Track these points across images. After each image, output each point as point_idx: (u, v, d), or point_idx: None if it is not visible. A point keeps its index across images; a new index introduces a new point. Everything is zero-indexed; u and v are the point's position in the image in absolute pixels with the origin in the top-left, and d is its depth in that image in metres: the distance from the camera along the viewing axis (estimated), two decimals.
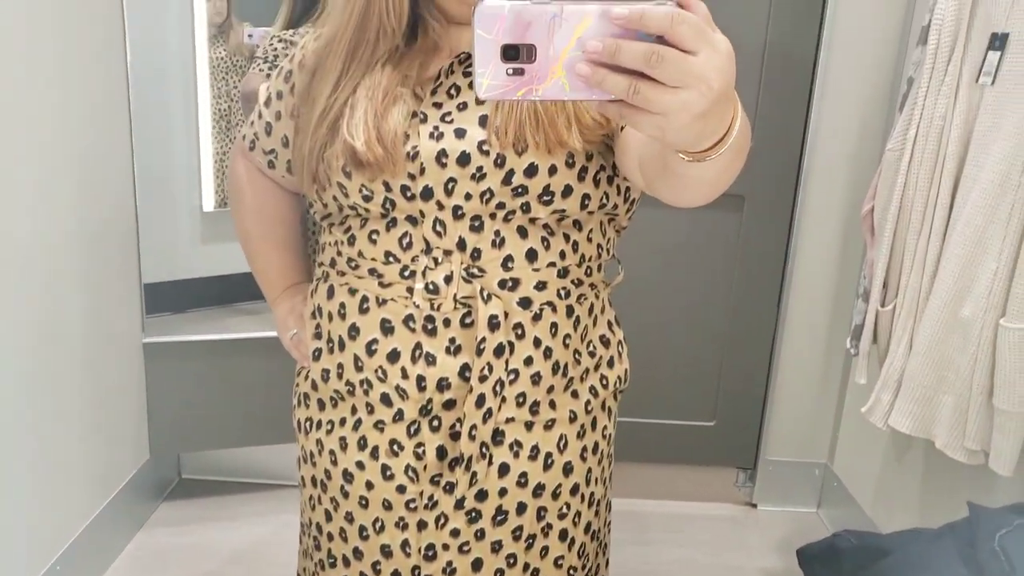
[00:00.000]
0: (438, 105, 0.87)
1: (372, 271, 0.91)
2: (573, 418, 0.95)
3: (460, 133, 0.85)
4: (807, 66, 2.05)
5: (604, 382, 0.99)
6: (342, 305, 0.93)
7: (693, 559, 2.11)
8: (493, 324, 0.87)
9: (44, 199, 1.63)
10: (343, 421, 0.95)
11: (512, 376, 0.90)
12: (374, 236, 0.90)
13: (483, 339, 0.87)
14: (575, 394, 0.95)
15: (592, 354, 0.97)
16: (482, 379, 0.88)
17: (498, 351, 0.88)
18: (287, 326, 1.08)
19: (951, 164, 1.48)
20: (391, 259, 0.89)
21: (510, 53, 0.52)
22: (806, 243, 2.16)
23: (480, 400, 0.88)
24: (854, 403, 2.18)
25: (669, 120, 0.53)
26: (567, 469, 0.96)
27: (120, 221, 1.94)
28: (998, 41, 1.39)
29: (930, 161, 1.52)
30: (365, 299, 0.91)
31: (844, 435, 2.25)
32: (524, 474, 0.93)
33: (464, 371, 0.88)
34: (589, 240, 0.92)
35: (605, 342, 0.99)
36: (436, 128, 0.86)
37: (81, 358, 1.80)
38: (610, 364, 0.99)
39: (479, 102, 0.86)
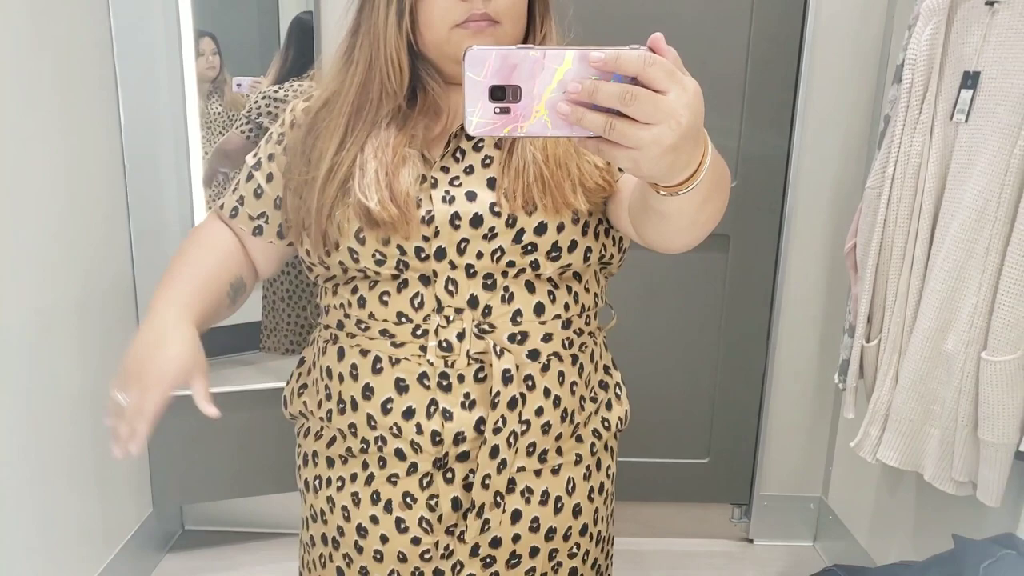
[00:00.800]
0: (445, 169, 0.91)
1: (384, 332, 0.92)
2: (579, 461, 0.99)
3: (471, 196, 0.89)
4: (787, 104, 2.11)
5: (606, 424, 1.03)
6: (354, 366, 0.94)
7: None
8: (506, 378, 0.90)
9: (42, 266, 1.66)
10: (354, 477, 0.97)
11: (524, 427, 0.93)
12: (385, 298, 0.91)
13: (497, 393, 0.90)
14: (579, 438, 0.99)
15: (594, 399, 1.01)
16: (496, 431, 0.90)
17: (511, 404, 0.91)
18: (156, 332, 0.92)
19: (929, 200, 1.52)
20: (403, 319, 0.91)
21: (497, 93, 0.57)
22: (792, 280, 2.20)
23: (494, 451, 0.91)
24: (846, 436, 2.21)
25: (643, 153, 0.58)
26: (576, 511, 0.99)
27: (117, 281, 1.97)
28: (970, 80, 1.44)
29: (909, 198, 1.56)
30: (378, 359, 0.92)
31: (837, 468, 2.27)
32: (536, 519, 0.96)
33: (479, 424, 0.91)
34: (587, 290, 0.97)
35: (604, 386, 1.03)
36: (447, 192, 0.89)
37: (80, 418, 1.81)
38: (608, 406, 1.04)
39: (484, 164, 0.90)
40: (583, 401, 0.98)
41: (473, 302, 0.90)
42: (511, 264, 0.89)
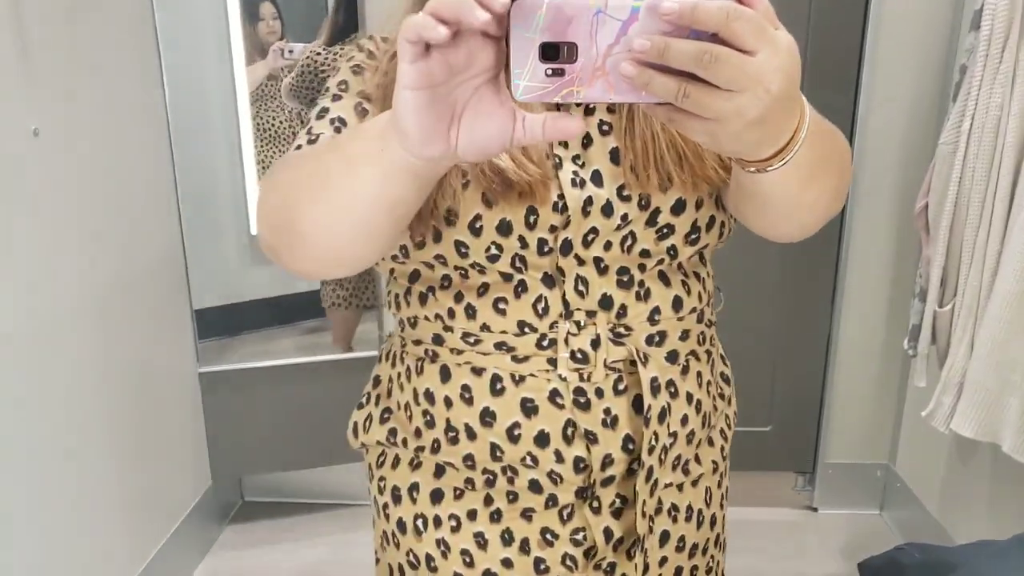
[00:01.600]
0: (564, 144, 0.75)
1: (502, 345, 0.78)
2: (715, 469, 0.89)
3: (597, 178, 0.74)
4: (852, 55, 2.00)
5: (728, 422, 0.91)
6: (465, 388, 0.80)
7: (755, 566, 2.08)
8: (655, 387, 0.78)
9: (91, 237, 1.66)
10: (473, 514, 0.83)
11: (671, 439, 0.81)
12: (501, 305, 0.77)
13: (649, 407, 0.77)
14: (711, 442, 0.88)
15: (721, 395, 0.90)
16: (650, 450, 0.78)
17: (661, 416, 0.79)
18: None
19: (1010, 156, 1.43)
20: (526, 329, 0.77)
21: (549, 52, 0.48)
22: (859, 242, 2.11)
23: (649, 473, 0.79)
24: (915, 402, 2.13)
25: (722, 126, 0.49)
26: (712, 522, 0.90)
27: (168, 252, 1.98)
28: None
29: (987, 154, 1.47)
30: (497, 379, 0.78)
31: (906, 435, 2.19)
32: (682, 537, 0.86)
33: (627, 443, 0.79)
34: (709, 275, 0.86)
35: (726, 379, 0.93)
36: (576, 174, 0.74)
37: (139, 393, 1.84)
38: (729, 401, 0.93)
39: (602, 131, 0.75)
40: (715, 401, 0.87)
41: (606, 303, 0.77)
42: (645, 253, 0.76)
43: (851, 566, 2.07)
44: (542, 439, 0.78)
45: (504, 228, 0.73)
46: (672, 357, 0.81)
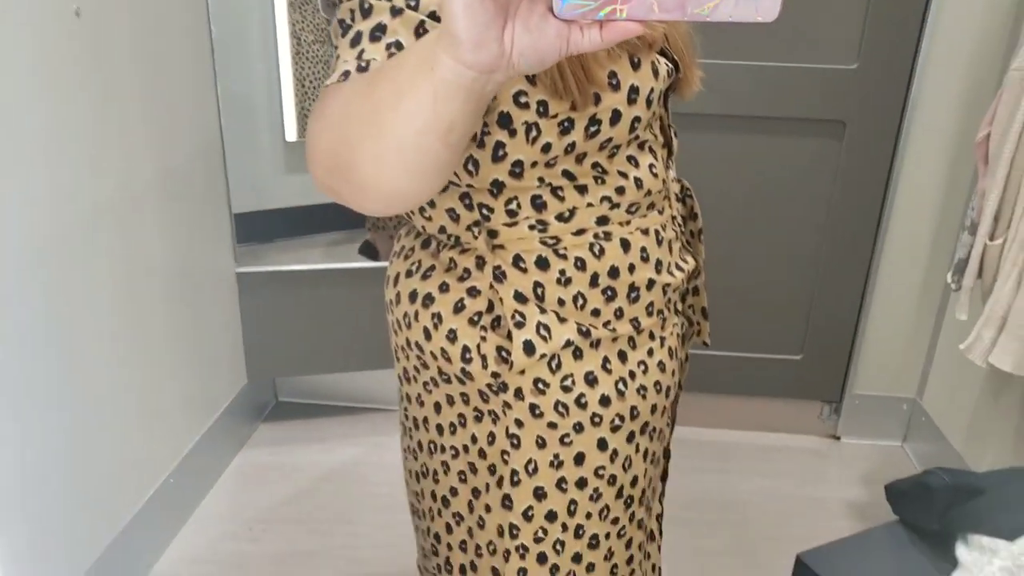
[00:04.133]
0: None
1: (651, 205, 0.91)
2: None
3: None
4: None
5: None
6: (644, 250, 0.89)
7: (775, 489, 2.12)
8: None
9: (133, 124, 1.65)
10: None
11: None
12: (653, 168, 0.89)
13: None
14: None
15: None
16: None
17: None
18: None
19: None
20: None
21: None
22: (909, 172, 2.06)
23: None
24: (948, 338, 2.12)
25: None
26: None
27: (207, 151, 1.97)
28: None
29: None
30: (658, 232, 0.91)
31: (936, 370, 2.19)
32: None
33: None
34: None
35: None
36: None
37: (178, 290, 1.87)
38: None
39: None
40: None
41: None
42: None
43: (871, 493, 2.11)
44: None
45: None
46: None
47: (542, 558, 0.94)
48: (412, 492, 1.10)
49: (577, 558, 0.96)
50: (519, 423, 0.89)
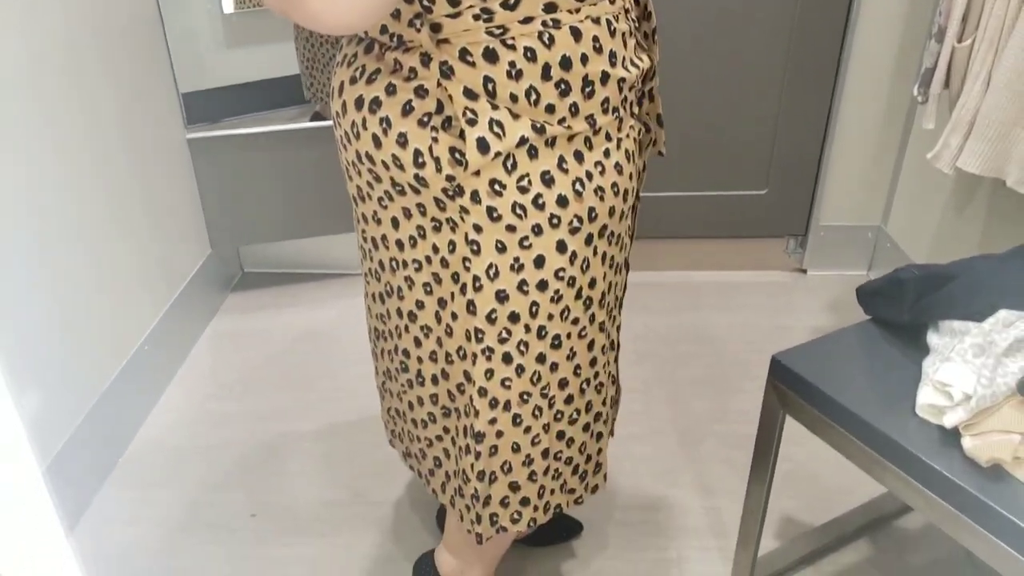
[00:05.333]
0: None
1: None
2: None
3: None
4: None
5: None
6: (596, 39, 0.85)
7: (745, 321, 2.16)
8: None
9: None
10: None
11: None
12: None
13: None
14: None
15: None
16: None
17: None
18: None
19: None
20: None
21: None
22: None
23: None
24: (912, 163, 2.13)
25: None
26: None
27: (144, 19, 1.86)
28: None
29: None
30: (610, 22, 0.87)
31: (901, 195, 2.21)
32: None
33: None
34: None
35: None
36: None
37: (132, 161, 1.79)
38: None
39: None
40: None
41: None
42: None
43: (839, 319, 2.17)
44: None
45: None
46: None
47: (507, 358, 0.96)
48: (376, 315, 1.09)
49: (541, 358, 0.97)
50: (478, 228, 0.87)
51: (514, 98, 0.82)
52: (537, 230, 0.88)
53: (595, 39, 0.85)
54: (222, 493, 1.62)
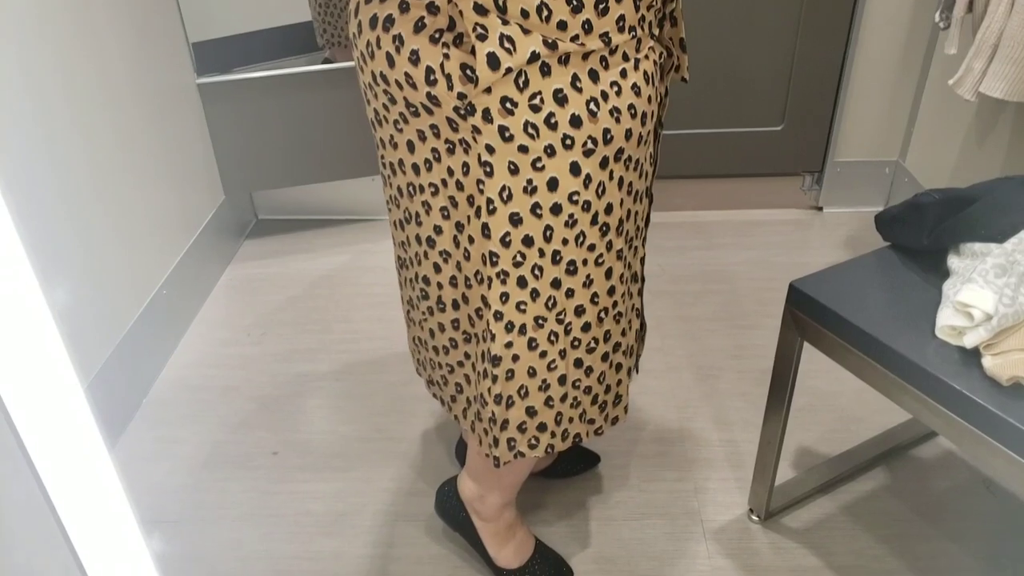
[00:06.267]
0: None
1: None
2: None
3: None
4: None
5: None
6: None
7: (759, 259, 2.15)
8: None
9: None
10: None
11: None
12: None
13: None
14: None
15: None
16: None
17: None
18: None
19: None
20: None
21: None
22: None
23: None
24: (932, 94, 2.09)
25: None
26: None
27: None
28: None
29: None
30: None
31: (920, 128, 2.17)
32: None
33: None
34: None
35: None
36: None
37: (140, 108, 1.78)
38: None
39: None
40: None
41: None
42: None
43: (855, 255, 2.15)
44: None
45: None
46: None
47: (522, 282, 0.95)
48: (398, 243, 1.09)
49: (556, 283, 0.97)
50: (490, 149, 0.87)
51: (525, 13, 0.81)
52: (550, 151, 0.87)
53: None
54: (244, 432, 1.65)
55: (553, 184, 0.89)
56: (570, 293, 0.99)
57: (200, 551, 1.40)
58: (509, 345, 1.00)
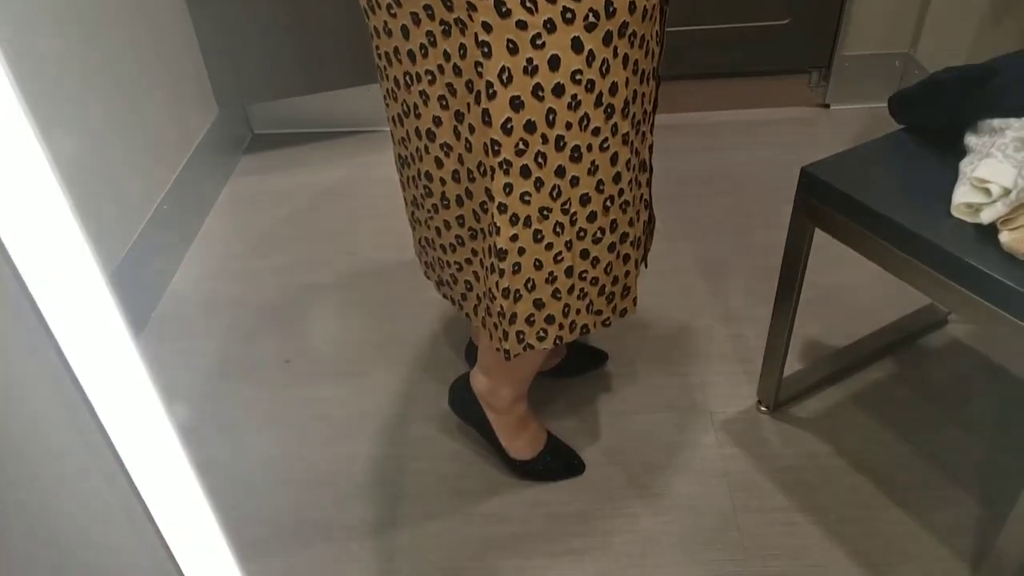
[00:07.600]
0: None
1: None
2: None
3: None
4: None
5: None
6: None
7: (766, 158, 2.12)
8: None
9: None
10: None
11: None
12: None
13: None
14: None
15: None
16: None
17: None
18: None
19: None
20: None
21: None
22: None
23: None
24: None
25: None
26: None
27: None
28: None
29: None
30: None
31: (932, 16, 2.10)
32: None
33: None
34: None
35: None
36: None
37: (126, 17, 1.72)
38: None
39: None
40: None
41: None
42: None
43: None
44: None
45: None
46: None
47: (525, 171, 0.93)
48: (398, 140, 1.06)
49: (560, 171, 0.94)
50: (487, 27, 0.83)
51: None
52: (550, 26, 0.83)
53: None
54: (255, 342, 1.65)
55: (555, 62, 0.86)
56: (575, 181, 0.96)
57: (217, 457, 1.42)
58: (514, 238, 0.98)
